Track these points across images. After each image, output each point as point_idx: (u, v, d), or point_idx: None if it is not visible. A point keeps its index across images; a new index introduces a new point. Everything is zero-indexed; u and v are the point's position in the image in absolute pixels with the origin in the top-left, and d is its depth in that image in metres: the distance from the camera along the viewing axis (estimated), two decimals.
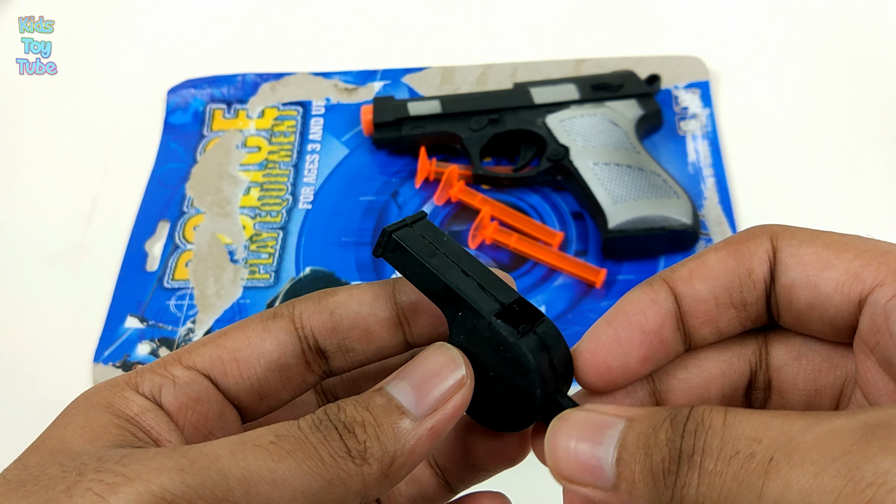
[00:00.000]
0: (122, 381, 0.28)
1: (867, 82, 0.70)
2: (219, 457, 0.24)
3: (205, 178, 0.68)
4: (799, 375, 0.29)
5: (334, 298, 0.31)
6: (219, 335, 0.30)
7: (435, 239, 0.30)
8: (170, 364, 0.29)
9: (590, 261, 0.61)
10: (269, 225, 0.65)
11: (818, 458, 0.21)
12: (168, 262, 0.63)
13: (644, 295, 0.29)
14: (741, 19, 0.75)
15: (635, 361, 0.28)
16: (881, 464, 0.20)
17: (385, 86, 0.72)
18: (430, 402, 0.27)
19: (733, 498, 0.22)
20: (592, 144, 0.63)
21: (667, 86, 0.69)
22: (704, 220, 0.62)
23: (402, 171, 0.67)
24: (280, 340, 0.30)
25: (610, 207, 0.60)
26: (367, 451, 0.25)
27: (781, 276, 0.28)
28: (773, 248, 0.28)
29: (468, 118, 0.67)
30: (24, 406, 0.57)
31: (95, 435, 0.25)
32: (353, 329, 0.30)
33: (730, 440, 0.22)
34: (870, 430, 0.21)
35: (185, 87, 0.74)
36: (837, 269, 0.27)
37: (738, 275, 0.28)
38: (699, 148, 0.66)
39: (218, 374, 0.29)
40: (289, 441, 0.25)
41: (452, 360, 0.28)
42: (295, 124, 0.71)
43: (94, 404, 0.27)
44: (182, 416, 0.28)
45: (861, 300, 0.26)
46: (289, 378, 0.30)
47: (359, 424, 0.26)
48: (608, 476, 0.24)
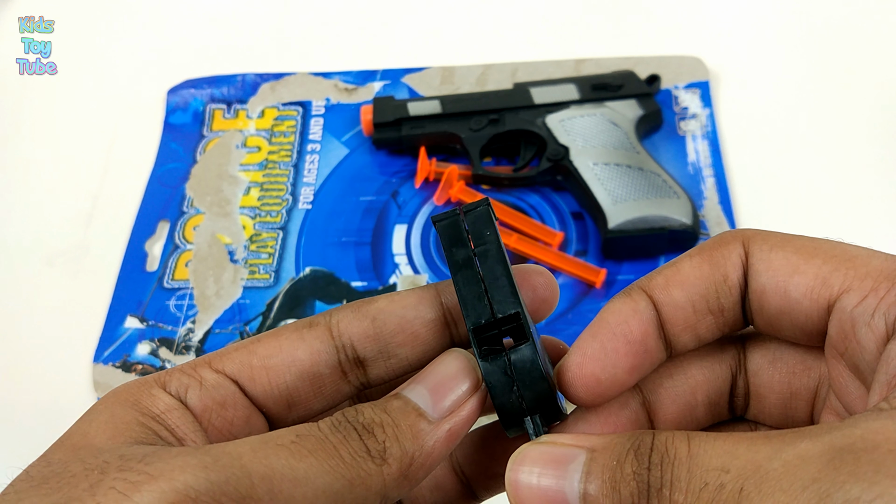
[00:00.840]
0: (151, 380, 0.28)
1: (867, 82, 0.70)
2: (241, 455, 0.24)
3: (205, 178, 0.68)
4: (774, 379, 0.29)
5: (375, 305, 0.30)
6: (252, 341, 0.30)
7: (476, 232, 0.29)
8: (199, 366, 0.29)
9: (590, 261, 0.61)
10: (269, 225, 0.65)
11: (788, 486, 0.21)
12: (168, 262, 0.63)
13: (625, 305, 0.29)
14: (741, 19, 0.75)
15: (623, 372, 0.28)
16: (850, 491, 0.20)
17: (385, 86, 0.72)
18: (446, 405, 0.27)
19: None
20: (592, 144, 0.63)
21: (667, 86, 0.69)
22: (704, 220, 0.62)
23: (402, 171, 0.67)
24: (314, 349, 0.29)
25: (610, 207, 0.60)
26: (386, 451, 0.26)
27: (753, 281, 0.28)
28: (745, 252, 0.28)
29: (468, 118, 0.67)
30: (24, 406, 0.57)
31: (118, 431, 0.26)
32: (397, 334, 0.30)
33: (697, 471, 0.22)
34: (837, 454, 0.21)
35: (185, 87, 0.74)
36: (806, 275, 0.26)
37: (713, 281, 0.28)
38: (699, 148, 0.66)
39: (246, 380, 0.29)
40: (310, 441, 0.25)
41: (466, 365, 0.28)
42: (295, 124, 0.71)
43: (120, 401, 0.27)
44: (206, 419, 0.28)
45: (830, 305, 0.26)
46: (321, 388, 0.30)
47: (377, 425, 0.26)
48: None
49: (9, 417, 0.57)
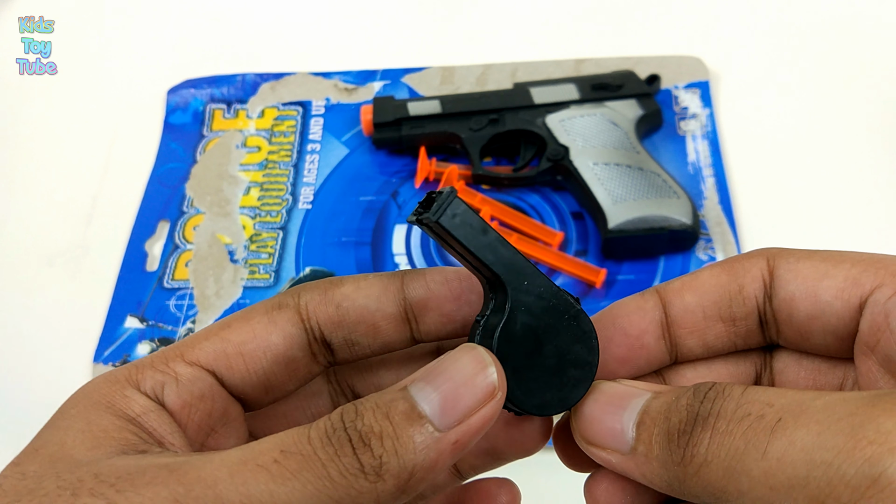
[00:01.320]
0: (122, 378, 0.27)
1: (867, 81, 0.70)
2: (217, 482, 0.23)
3: (205, 178, 0.68)
4: (800, 376, 0.30)
5: (341, 290, 0.30)
6: (221, 327, 0.29)
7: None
8: (171, 359, 0.28)
9: (590, 261, 0.60)
10: (269, 225, 0.65)
11: (824, 418, 0.21)
12: (168, 262, 0.63)
13: (633, 302, 0.30)
14: (741, 19, 0.75)
15: (613, 360, 0.29)
16: (884, 424, 0.21)
17: (385, 86, 0.72)
18: (457, 413, 0.25)
19: (740, 455, 0.22)
20: (592, 144, 0.63)
21: (667, 86, 0.69)
22: (704, 220, 0.62)
23: (402, 171, 0.67)
24: (287, 333, 0.29)
25: (610, 207, 0.60)
26: (382, 466, 0.23)
27: (780, 290, 0.28)
28: (769, 267, 0.29)
29: (468, 118, 0.67)
30: (24, 406, 0.57)
31: (98, 441, 0.25)
32: (359, 324, 0.30)
33: (744, 404, 0.23)
34: (877, 396, 0.22)
35: (185, 87, 0.74)
36: (836, 278, 0.27)
37: (728, 290, 0.29)
38: (699, 148, 0.66)
39: (223, 370, 0.28)
40: (294, 459, 0.23)
41: (484, 368, 0.26)
42: (295, 124, 0.71)
43: (94, 403, 0.26)
44: (185, 415, 0.28)
45: (861, 303, 0.27)
46: (295, 370, 0.30)
47: (376, 436, 0.24)
48: (627, 440, 0.25)
49: (9, 417, 0.57)
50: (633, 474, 0.26)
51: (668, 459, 0.24)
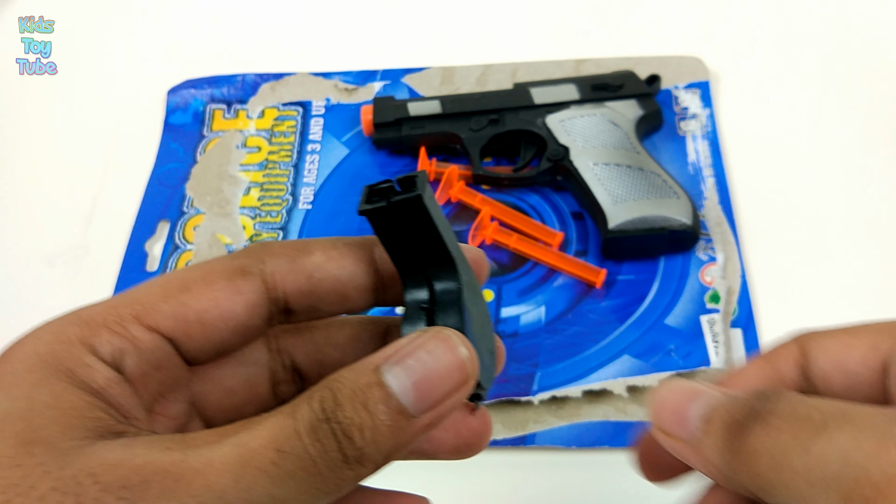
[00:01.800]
0: (74, 338, 0.26)
1: (868, 81, 0.70)
2: (225, 490, 0.23)
3: (205, 178, 0.68)
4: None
5: (311, 259, 0.29)
6: (180, 289, 0.28)
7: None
8: (127, 321, 0.27)
9: (590, 261, 0.60)
10: (269, 225, 0.65)
11: (864, 424, 0.23)
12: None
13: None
14: (741, 19, 0.75)
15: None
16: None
17: (385, 86, 0.72)
18: (431, 400, 0.26)
19: (787, 449, 0.24)
20: (592, 144, 0.63)
21: (667, 86, 0.69)
22: (704, 220, 0.62)
23: (402, 171, 0.67)
24: (250, 302, 0.28)
25: (610, 207, 0.60)
26: (363, 456, 0.24)
27: (815, 369, 0.30)
28: (801, 351, 0.30)
29: (468, 118, 0.67)
30: None
31: (71, 422, 0.24)
32: (329, 293, 0.30)
33: (799, 406, 0.25)
34: None
35: (185, 87, 0.74)
36: (858, 347, 0.29)
37: (770, 381, 0.31)
38: (699, 148, 0.66)
39: (181, 337, 0.28)
40: (290, 460, 0.24)
41: (460, 362, 0.26)
42: (295, 124, 0.71)
43: (52, 371, 0.25)
44: (141, 385, 0.27)
45: (884, 366, 0.28)
46: (249, 336, 0.30)
47: (357, 428, 0.24)
48: (691, 428, 0.27)
49: None
50: (694, 462, 0.28)
51: (725, 448, 0.26)
